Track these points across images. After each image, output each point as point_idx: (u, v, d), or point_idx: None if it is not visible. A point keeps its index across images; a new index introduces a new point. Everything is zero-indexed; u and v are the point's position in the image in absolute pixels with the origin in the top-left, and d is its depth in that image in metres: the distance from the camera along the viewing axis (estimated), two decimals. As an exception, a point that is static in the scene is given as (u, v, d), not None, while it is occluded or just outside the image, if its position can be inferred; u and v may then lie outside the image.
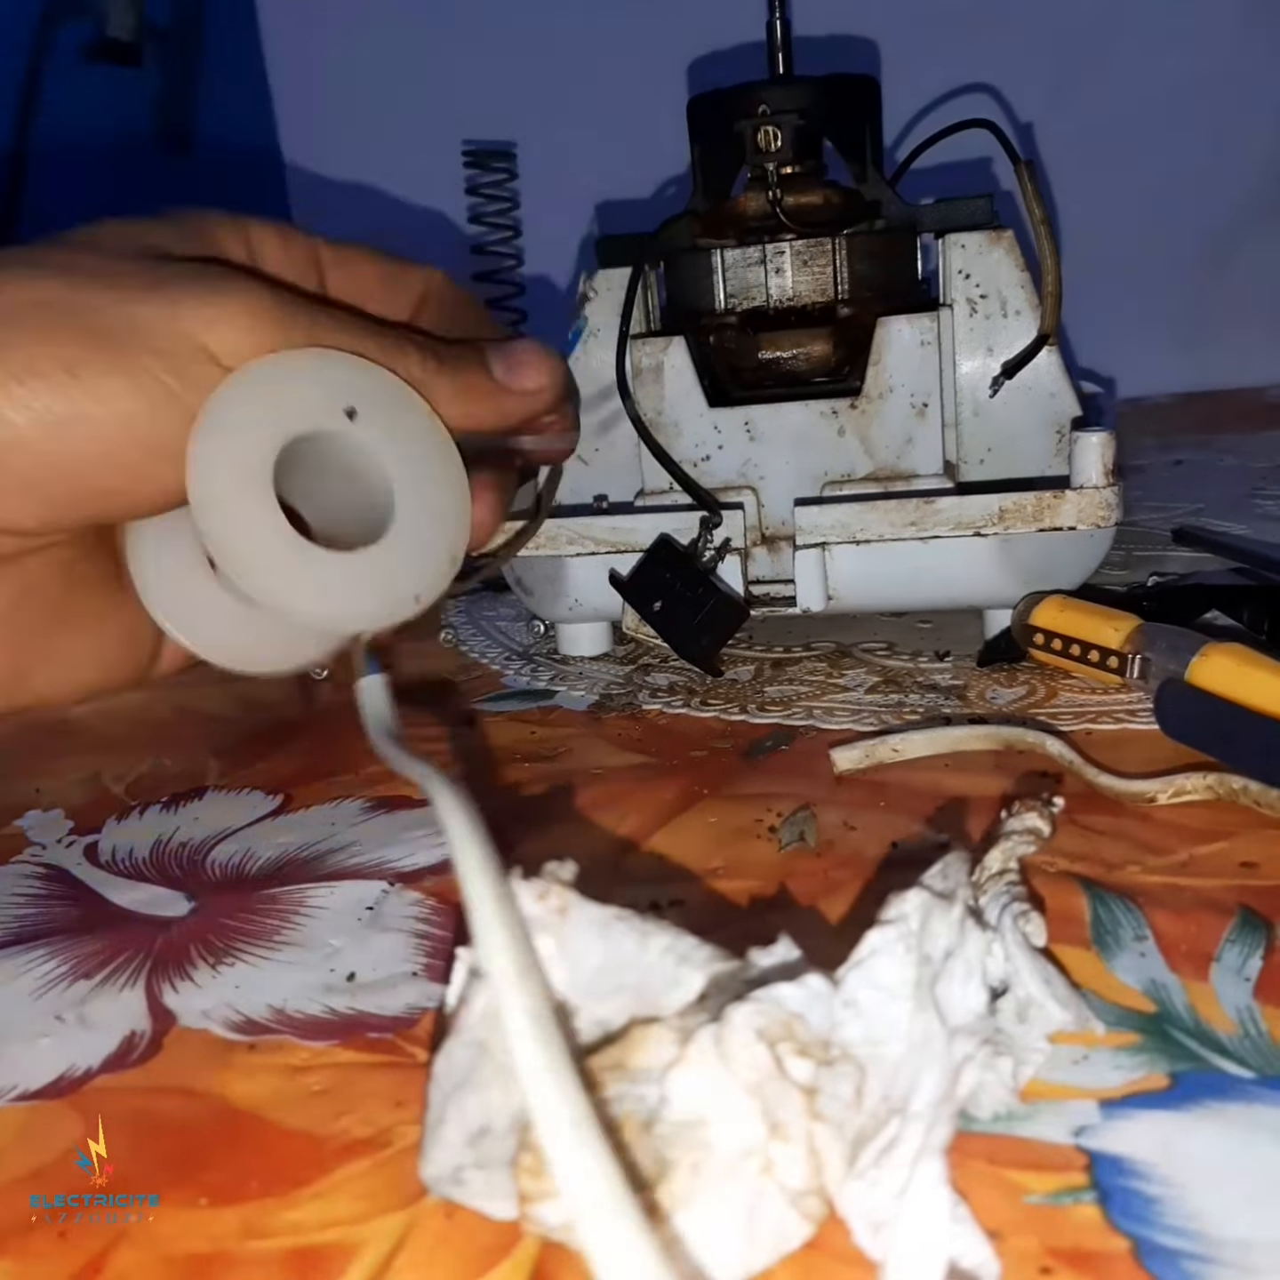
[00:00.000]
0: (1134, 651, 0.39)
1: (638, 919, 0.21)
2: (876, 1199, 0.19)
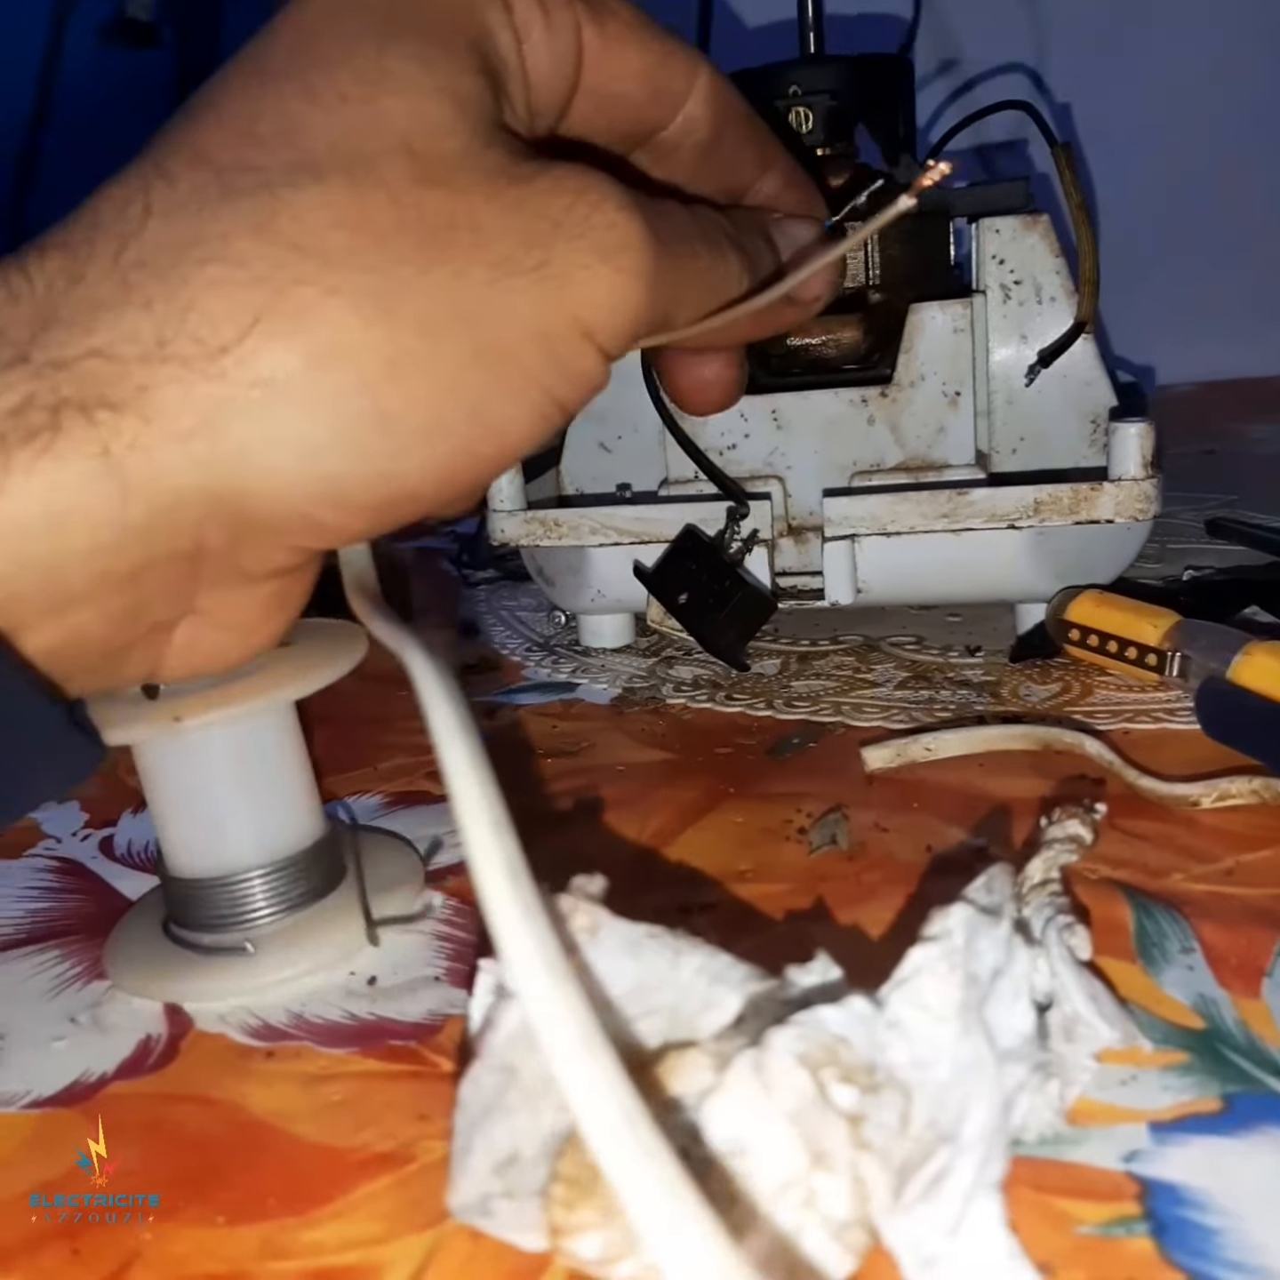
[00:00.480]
0: (1173, 648, 0.38)
1: (670, 936, 0.20)
2: (926, 1233, 0.18)
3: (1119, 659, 0.40)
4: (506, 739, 0.43)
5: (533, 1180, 0.19)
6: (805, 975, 0.21)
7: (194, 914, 0.30)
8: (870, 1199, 0.19)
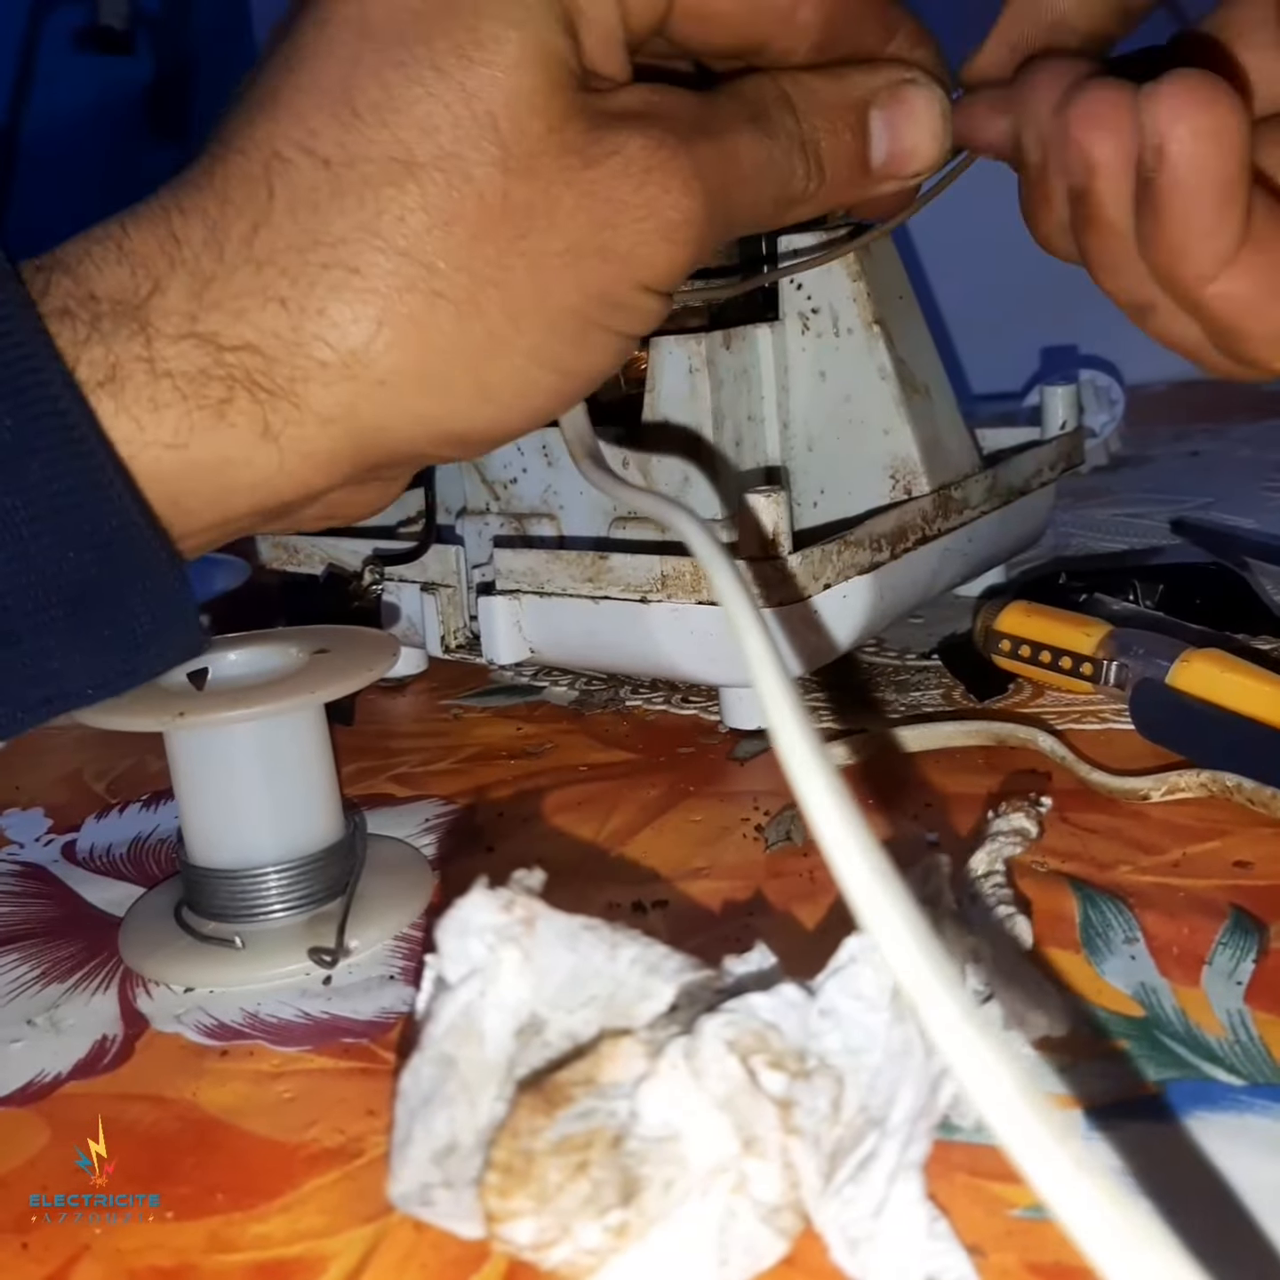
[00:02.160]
0: (1109, 657, 0.38)
1: (607, 929, 0.21)
2: (853, 1215, 0.19)
3: (1052, 669, 0.40)
4: (470, 741, 0.43)
5: (471, 1169, 0.19)
6: (741, 965, 0.21)
7: (203, 902, 0.31)
8: (800, 1183, 0.19)
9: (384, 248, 0.24)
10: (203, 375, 0.24)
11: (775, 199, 0.28)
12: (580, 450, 0.29)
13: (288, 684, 0.30)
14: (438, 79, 0.24)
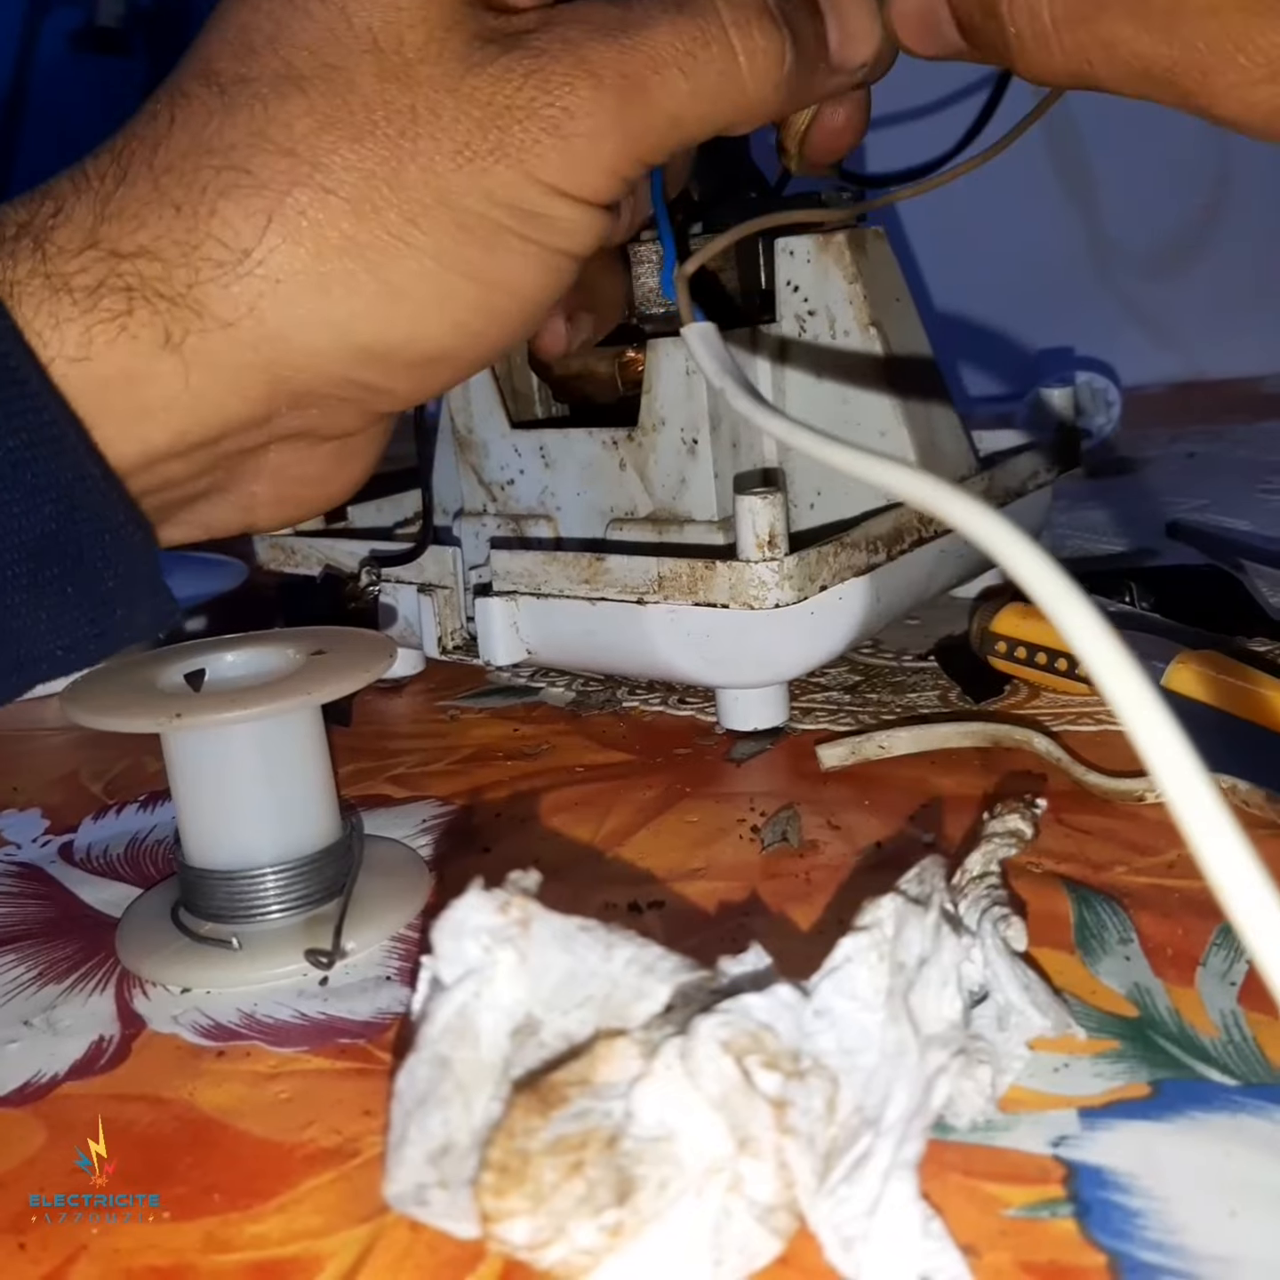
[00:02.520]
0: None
1: (603, 929, 0.21)
2: (847, 1214, 0.19)
3: (1049, 671, 0.40)
4: (467, 742, 0.43)
5: (466, 1169, 0.19)
6: (736, 965, 0.21)
7: (200, 902, 0.31)
8: (795, 1183, 0.19)
9: (272, 150, 0.25)
10: (102, 287, 0.24)
11: (724, 82, 0.27)
12: (719, 375, 0.27)
13: (285, 685, 0.30)
14: (321, 6, 0.26)
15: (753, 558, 0.37)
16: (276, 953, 0.30)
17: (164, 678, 0.31)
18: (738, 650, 0.38)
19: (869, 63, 0.30)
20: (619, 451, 0.43)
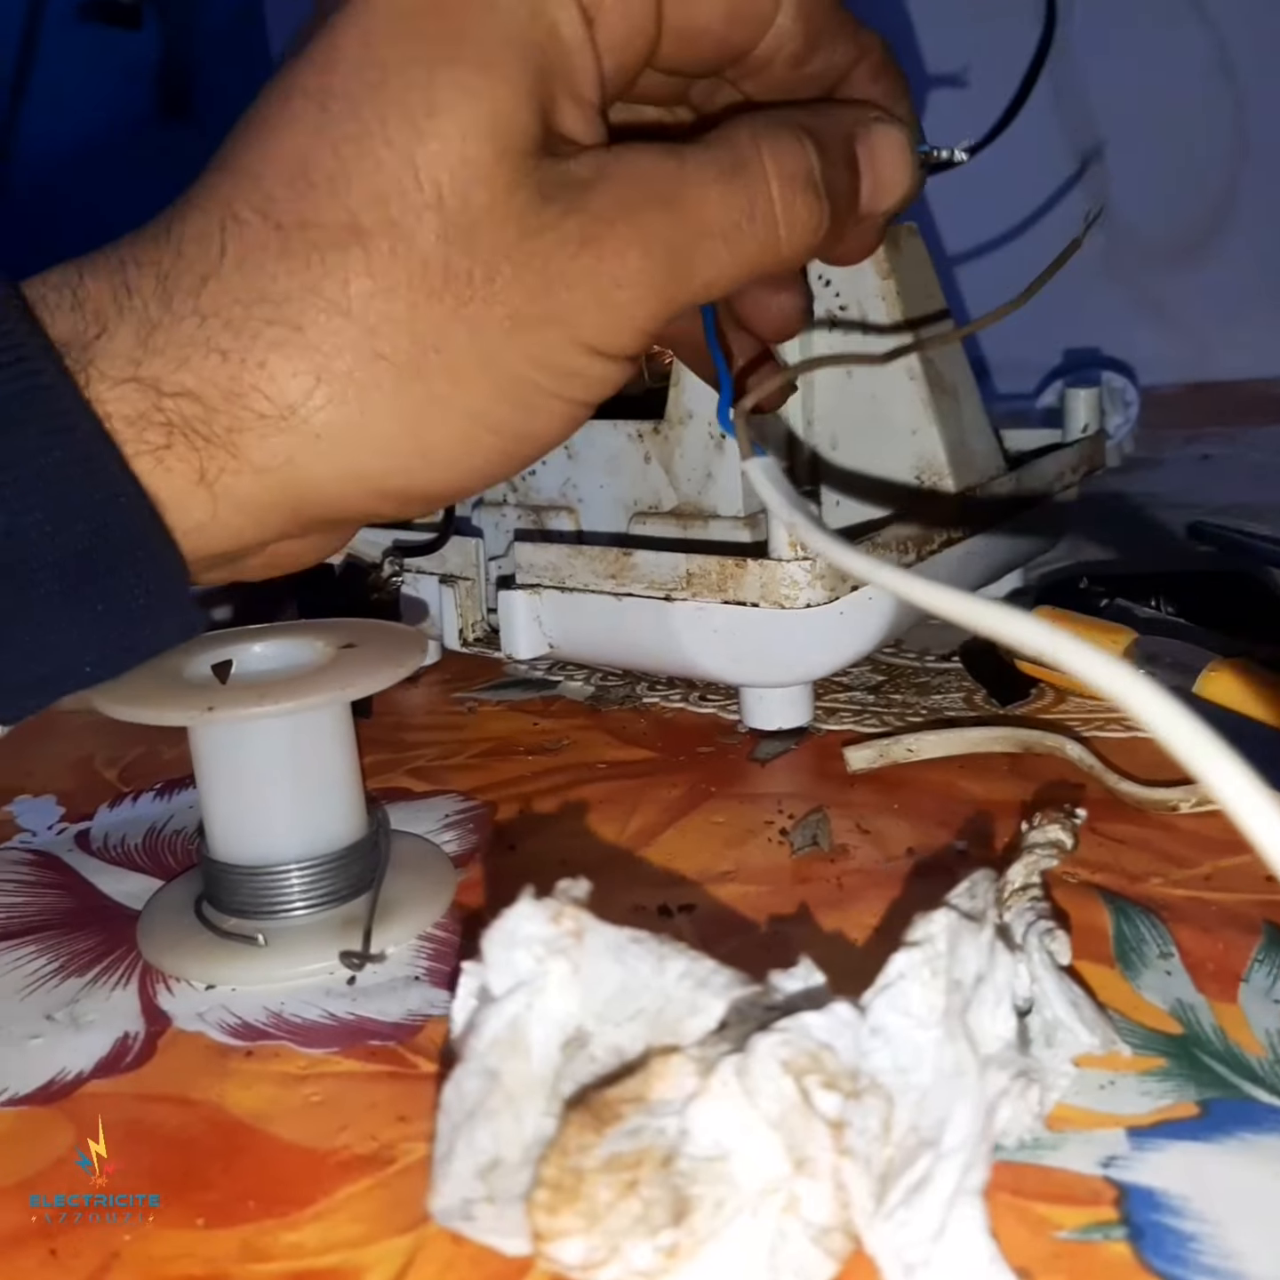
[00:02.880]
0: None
1: (654, 941, 0.21)
2: (909, 1239, 0.18)
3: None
4: (486, 735, 0.43)
5: (515, 1185, 0.19)
6: (788, 980, 0.21)
7: (224, 897, 0.31)
8: (851, 1204, 0.19)
9: (327, 308, 0.25)
10: (142, 419, 0.24)
11: (763, 251, 0.28)
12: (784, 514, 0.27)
13: (317, 679, 0.30)
14: (388, 151, 0.25)
15: (785, 556, 0.36)
16: (303, 950, 0.30)
17: (190, 668, 0.31)
18: (766, 649, 0.38)
19: (895, 210, 0.31)
20: (644, 444, 0.43)
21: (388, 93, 0.25)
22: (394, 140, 0.25)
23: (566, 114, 0.27)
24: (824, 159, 0.28)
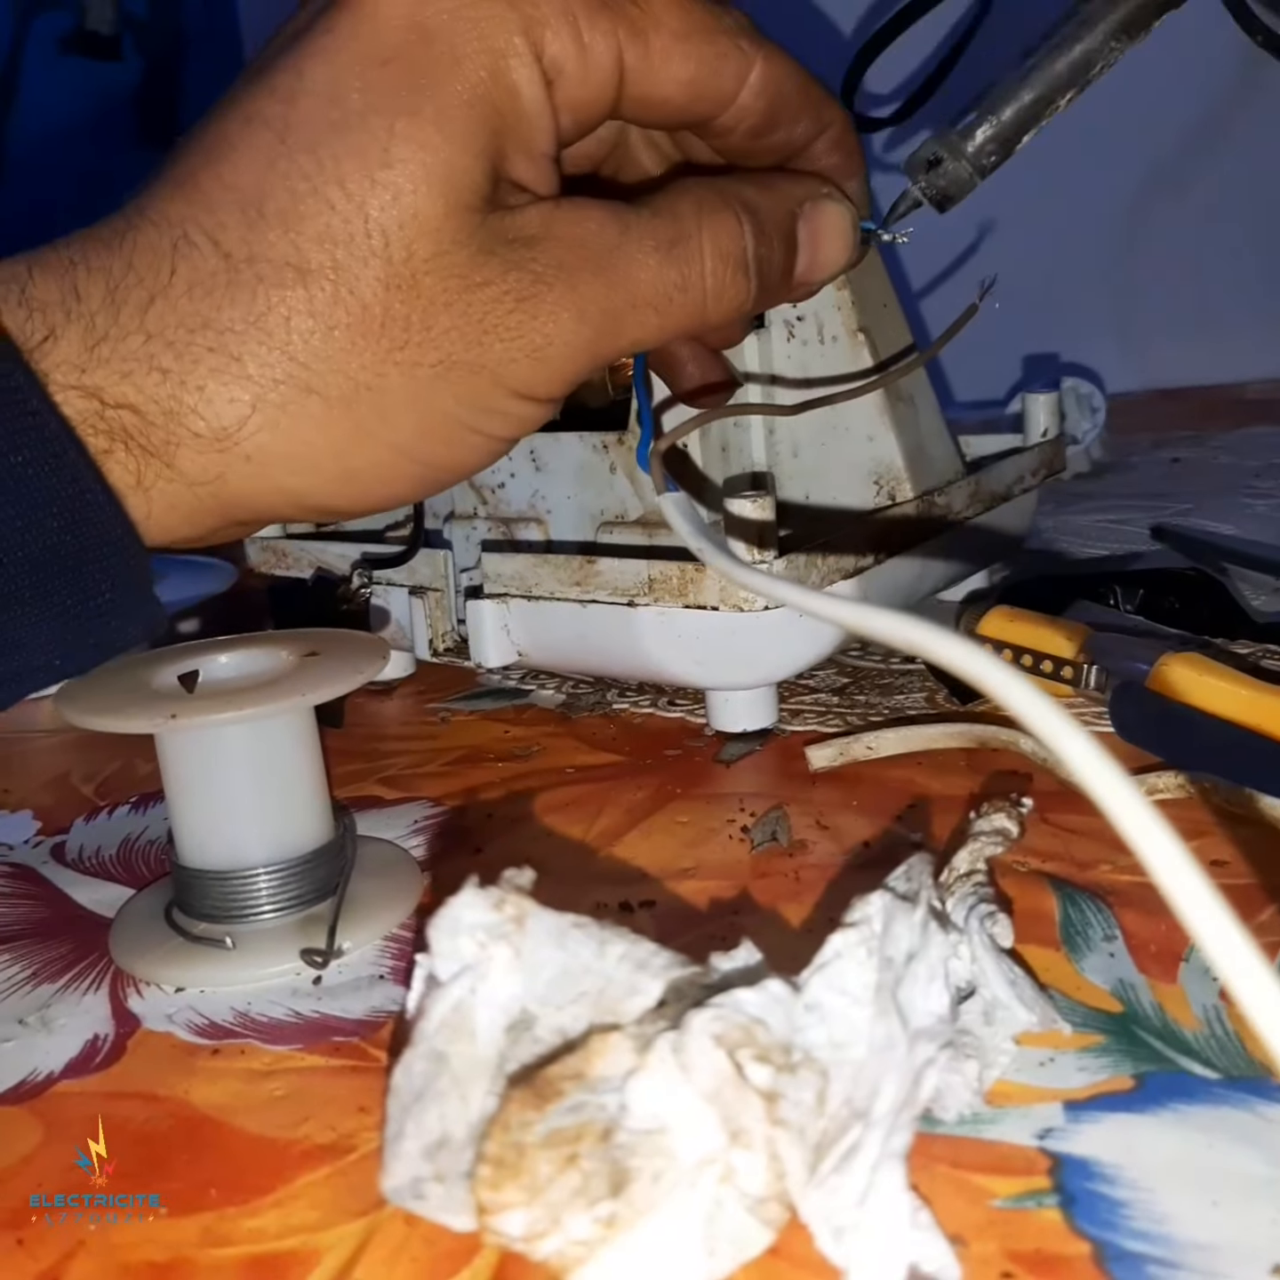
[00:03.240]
0: (1089, 661, 0.39)
1: (596, 926, 0.21)
2: (838, 1205, 0.19)
3: (1033, 672, 0.40)
4: (458, 744, 0.43)
5: (462, 1163, 0.20)
6: (728, 961, 0.21)
7: (193, 902, 0.31)
8: (786, 1174, 0.19)
9: (266, 341, 0.26)
10: (86, 425, 0.25)
11: (688, 319, 0.29)
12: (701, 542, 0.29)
13: (279, 686, 0.30)
14: (341, 195, 0.26)
15: (743, 560, 0.37)
16: (270, 952, 0.30)
17: (158, 679, 0.31)
18: (727, 652, 0.39)
19: (828, 281, 0.33)
20: (609, 455, 0.44)
21: (348, 138, 0.26)
22: (348, 186, 0.26)
23: (519, 166, 0.28)
24: (761, 240, 0.30)
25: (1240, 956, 0.17)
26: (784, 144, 0.31)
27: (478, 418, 0.28)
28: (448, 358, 0.27)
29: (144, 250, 0.26)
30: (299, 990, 0.29)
